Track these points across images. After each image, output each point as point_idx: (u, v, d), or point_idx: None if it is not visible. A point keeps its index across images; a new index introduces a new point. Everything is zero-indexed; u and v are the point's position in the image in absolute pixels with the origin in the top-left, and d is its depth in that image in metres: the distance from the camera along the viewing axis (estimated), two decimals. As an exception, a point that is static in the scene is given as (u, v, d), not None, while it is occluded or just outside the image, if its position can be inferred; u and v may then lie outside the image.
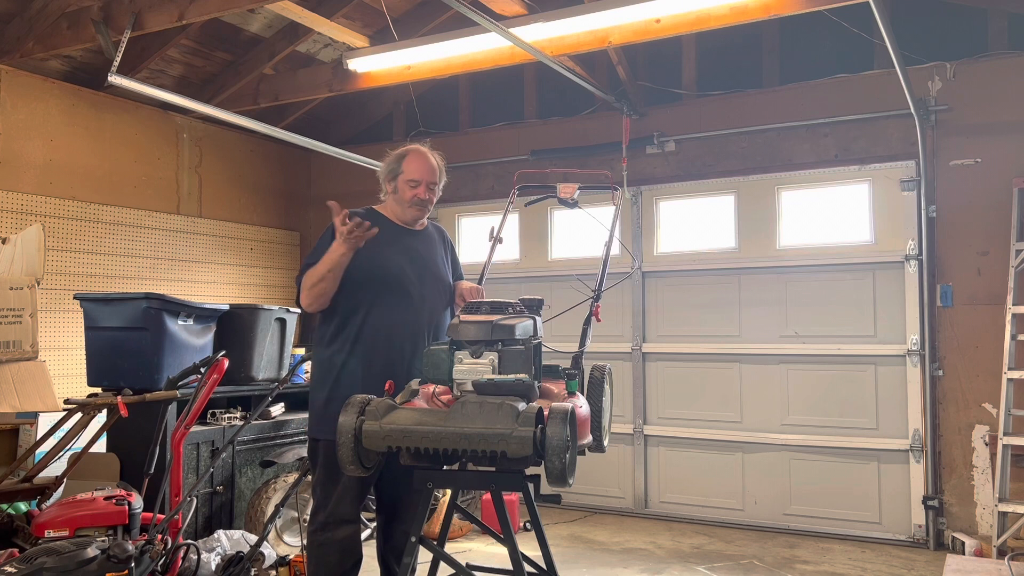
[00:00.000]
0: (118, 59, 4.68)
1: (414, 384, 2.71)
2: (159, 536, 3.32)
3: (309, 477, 3.18)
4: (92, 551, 2.97)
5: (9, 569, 2.84)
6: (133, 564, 3.03)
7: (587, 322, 3.11)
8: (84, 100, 5.73)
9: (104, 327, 4.33)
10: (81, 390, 4.67)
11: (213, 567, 3.75)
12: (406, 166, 3.13)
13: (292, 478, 4.53)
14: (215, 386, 3.64)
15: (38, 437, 3.94)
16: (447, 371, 2.57)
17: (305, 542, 3.58)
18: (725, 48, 6.01)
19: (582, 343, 3.02)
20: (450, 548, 4.75)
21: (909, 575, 4.61)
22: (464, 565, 2.72)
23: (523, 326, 2.59)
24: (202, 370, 3.59)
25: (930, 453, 5.15)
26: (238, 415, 4.73)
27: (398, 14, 5.89)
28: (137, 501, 3.55)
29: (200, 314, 4.47)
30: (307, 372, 5.18)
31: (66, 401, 3.74)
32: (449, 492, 3.25)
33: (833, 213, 5.57)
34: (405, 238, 3.17)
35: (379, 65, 5.58)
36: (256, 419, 4.49)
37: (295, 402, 5.04)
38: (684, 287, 5.98)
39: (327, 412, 2.95)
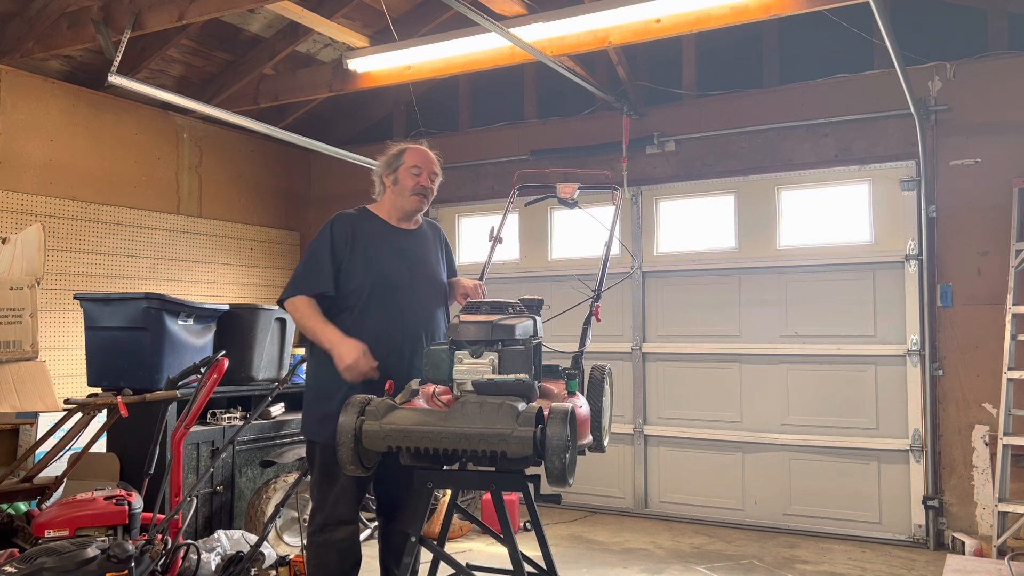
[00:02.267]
0: (118, 59, 4.68)
1: (414, 384, 2.71)
2: (159, 536, 3.32)
3: (309, 477, 3.18)
4: (92, 551, 2.97)
5: (9, 569, 2.84)
6: (133, 564, 3.03)
7: (587, 322, 3.11)
8: (84, 100, 5.73)
9: (104, 327, 4.33)
10: (81, 390, 4.67)
11: (213, 567, 3.75)
12: (408, 156, 3.16)
13: (292, 478, 4.53)
14: (215, 386, 3.64)
15: (38, 437, 3.94)
16: (447, 371, 2.57)
17: (304, 543, 3.58)
18: (725, 48, 6.01)
19: (582, 343, 3.02)
20: (450, 548, 4.75)
21: (909, 575, 4.61)
22: (464, 565, 2.72)
23: (523, 326, 2.59)
24: (202, 370, 3.59)
25: (930, 453, 5.15)
26: (238, 415, 4.73)
27: (398, 14, 5.89)
28: (137, 501, 3.54)
29: (200, 314, 4.47)
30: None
31: (66, 401, 3.74)
32: (449, 492, 3.25)
33: (833, 213, 5.57)
34: (399, 239, 3.16)
35: (379, 65, 5.58)
36: (256, 419, 4.49)
37: (295, 402, 5.04)
38: (684, 287, 5.98)
39: (324, 414, 2.94)
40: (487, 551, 4.93)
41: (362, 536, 4.02)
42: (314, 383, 3.08)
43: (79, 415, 3.67)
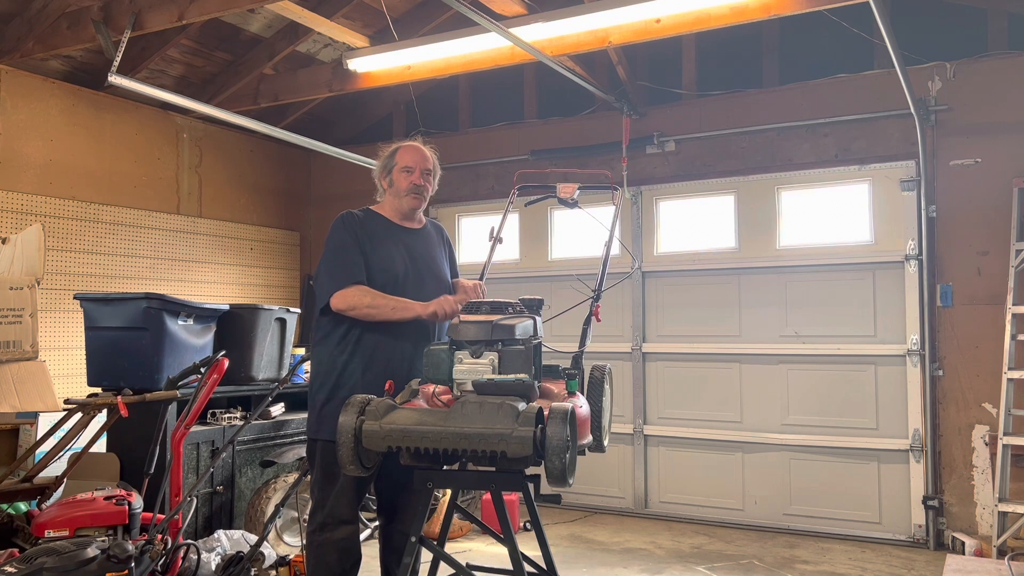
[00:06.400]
0: (118, 59, 4.68)
1: (414, 384, 2.71)
2: (159, 536, 3.32)
3: (309, 477, 3.18)
4: (92, 551, 2.97)
5: (9, 569, 2.84)
6: (133, 564, 3.03)
7: (587, 322, 3.11)
8: (84, 100, 5.73)
9: (104, 327, 4.33)
10: (81, 390, 4.67)
11: (213, 567, 3.75)
12: (399, 157, 3.17)
13: (292, 478, 4.54)
14: (215, 386, 3.63)
15: (38, 437, 3.94)
16: (447, 371, 2.57)
17: (304, 543, 3.58)
18: (725, 48, 6.01)
19: (582, 343, 3.02)
20: (450, 548, 4.75)
21: (909, 575, 4.61)
22: (464, 565, 2.72)
23: (523, 326, 2.59)
24: (202, 370, 3.59)
25: (930, 453, 5.15)
26: (238, 415, 4.73)
27: (398, 14, 5.89)
28: (137, 501, 3.54)
29: (200, 314, 4.47)
30: (307, 372, 5.18)
31: (66, 401, 3.74)
32: (449, 492, 3.25)
33: (833, 213, 5.57)
34: (405, 237, 3.17)
35: (379, 65, 5.59)
36: (256, 419, 4.49)
37: (295, 402, 5.04)
38: (684, 287, 5.98)
39: (326, 413, 2.95)
40: (487, 551, 4.93)
41: (362, 536, 4.02)
42: (316, 382, 3.08)
43: (79, 415, 3.67)
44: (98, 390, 4.34)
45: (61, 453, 3.78)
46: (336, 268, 3.02)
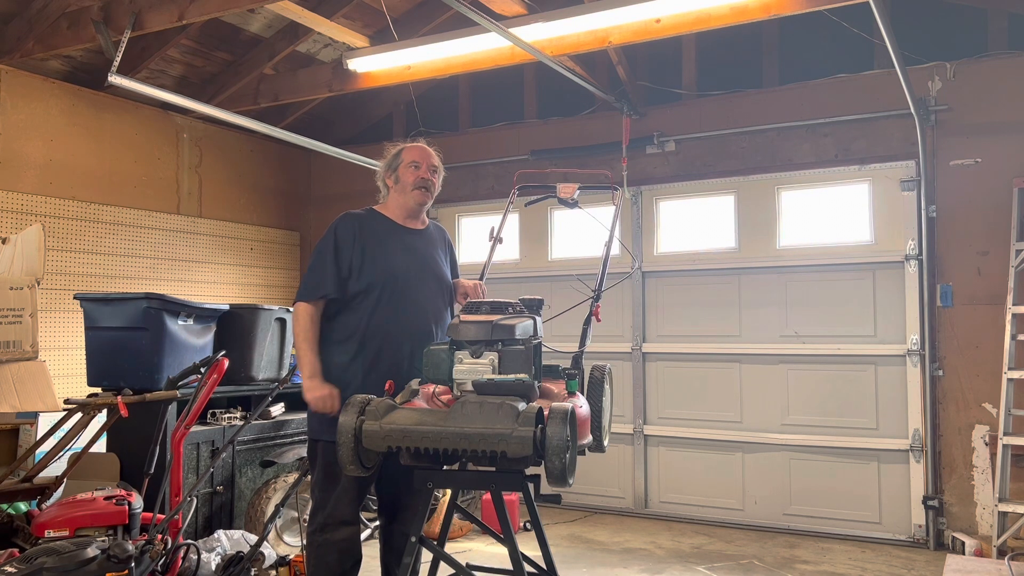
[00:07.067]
0: (118, 59, 4.68)
1: (414, 384, 2.71)
2: (159, 536, 3.32)
3: (309, 477, 3.18)
4: (92, 551, 2.97)
5: (9, 569, 2.84)
6: (133, 564, 3.03)
7: (587, 322, 3.11)
8: (84, 100, 5.73)
9: (104, 327, 4.33)
10: (81, 390, 4.67)
11: (213, 567, 3.76)
12: (405, 155, 3.20)
13: (292, 478, 4.54)
14: (215, 386, 3.64)
15: (38, 437, 3.94)
16: (447, 371, 2.57)
17: (304, 543, 3.59)
18: (725, 48, 6.01)
19: (582, 343, 3.02)
20: (450, 548, 4.75)
21: (909, 575, 4.61)
22: (464, 565, 2.72)
23: (523, 326, 2.59)
24: (202, 370, 3.59)
25: (930, 453, 5.15)
26: (238, 415, 4.73)
27: (398, 14, 5.89)
28: (137, 501, 3.55)
29: (200, 314, 4.47)
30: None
31: (66, 401, 3.74)
32: (449, 492, 3.25)
33: (833, 213, 5.57)
34: (407, 237, 3.17)
35: (379, 65, 5.59)
36: (256, 419, 4.49)
37: (295, 402, 5.03)
38: (684, 287, 5.98)
39: (327, 413, 2.95)
40: (487, 551, 4.93)
41: (362, 536, 4.02)
42: None
43: (79, 415, 3.67)
44: (98, 390, 4.34)
45: (61, 453, 3.78)
46: (311, 275, 3.07)
